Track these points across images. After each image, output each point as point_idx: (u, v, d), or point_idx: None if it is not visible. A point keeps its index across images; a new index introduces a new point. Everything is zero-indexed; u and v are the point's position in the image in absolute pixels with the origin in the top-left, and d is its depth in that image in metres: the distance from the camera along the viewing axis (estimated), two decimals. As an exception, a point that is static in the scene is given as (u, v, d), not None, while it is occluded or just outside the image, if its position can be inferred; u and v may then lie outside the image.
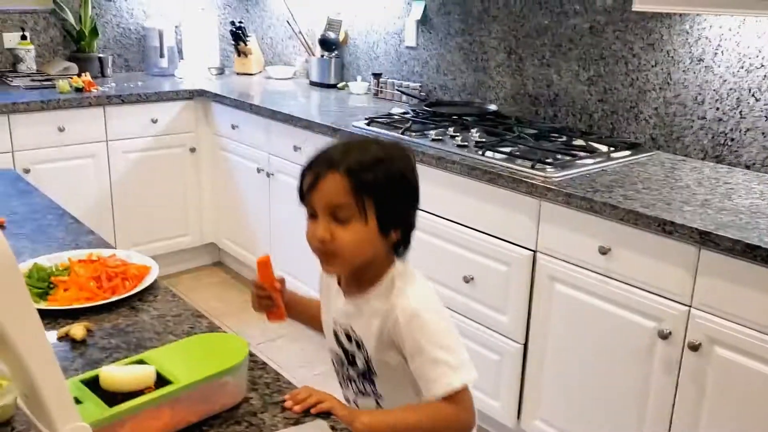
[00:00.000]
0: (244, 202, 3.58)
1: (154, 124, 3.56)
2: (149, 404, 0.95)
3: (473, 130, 2.66)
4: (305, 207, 1.22)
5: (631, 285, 2.00)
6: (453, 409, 1.18)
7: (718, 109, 2.38)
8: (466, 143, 2.52)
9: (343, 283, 1.30)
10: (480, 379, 2.64)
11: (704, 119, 2.43)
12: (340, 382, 1.37)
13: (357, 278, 1.26)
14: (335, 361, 1.36)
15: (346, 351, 1.30)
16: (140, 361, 1.03)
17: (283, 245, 3.33)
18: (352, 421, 1.09)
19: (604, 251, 2.03)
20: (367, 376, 1.27)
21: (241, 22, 4.19)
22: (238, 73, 4.20)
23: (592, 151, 2.44)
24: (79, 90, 3.41)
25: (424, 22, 3.35)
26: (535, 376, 2.31)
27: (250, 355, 1.10)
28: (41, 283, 1.43)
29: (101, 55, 3.89)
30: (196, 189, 3.79)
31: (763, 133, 2.29)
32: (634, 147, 2.54)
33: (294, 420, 1.04)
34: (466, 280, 2.43)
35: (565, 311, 2.18)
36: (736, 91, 2.33)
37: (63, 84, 3.38)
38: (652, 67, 2.54)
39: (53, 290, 1.42)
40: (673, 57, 2.48)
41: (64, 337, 1.26)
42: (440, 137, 2.59)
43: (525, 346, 2.32)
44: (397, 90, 3.45)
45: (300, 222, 1.25)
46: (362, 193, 1.17)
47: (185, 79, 3.94)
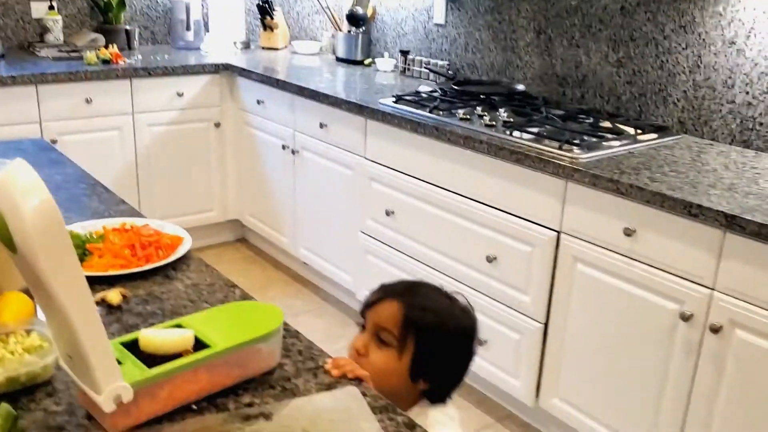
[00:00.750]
0: (268, 179, 3.61)
1: (180, 98, 3.58)
2: (188, 366, 0.97)
3: (501, 110, 2.66)
4: (362, 317, 1.31)
5: (655, 267, 2.00)
6: None
7: (748, 93, 2.36)
8: (494, 123, 2.52)
9: None
10: (500, 358, 2.67)
11: (733, 103, 2.41)
12: None
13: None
14: None
15: None
16: (178, 326, 1.06)
17: (308, 223, 3.35)
18: None
19: (629, 233, 2.03)
20: None
21: (267, -4, 4.19)
22: (263, 48, 4.20)
23: (619, 133, 2.43)
24: (106, 62, 3.44)
25: (453, 0, 3.33)
26: (555, 356, 2.33)
27: (284, 324, 1.12)
28: (76, 250, 1.46)
29: (128, 27, 3.90)
30: (221, 165, 3.82)
31: (794, 119, 2.27)
32: (662, 130, 2.53)
33: (326, 385, 1.06)
34: (489, 260, 2.44)
35: (588, 292, 2.19)
36: (767, 75, 2.31)
37: (90, 55, 3.41)
38: (683, 49, 2.52)
39: (88, 257, 1.45)
40: (704, 39, 2.45)
41: (101, 303, 1.28)
42: (468, 116, 2.59)
43: (545, 325, 2.34)
44: (425, 68, 3.44)
45: (323, 199, 1.27)
46: (408, 329, 1.23)
47: (211, 52, 3.95)
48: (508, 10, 3.09)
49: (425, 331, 1.23)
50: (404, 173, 2.75)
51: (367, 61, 3.77)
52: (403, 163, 2.75)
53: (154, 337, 1.00)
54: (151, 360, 0.98)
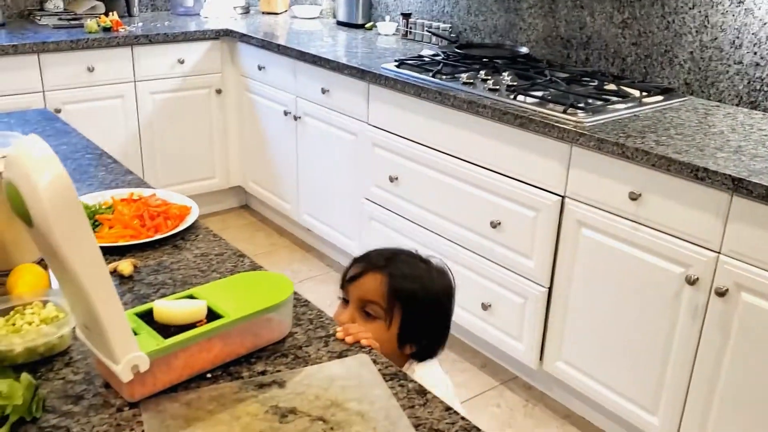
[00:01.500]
0: (270, 145, 3.60)
1: (181, 65, 3.56)
2: (203, 336, 0.99)
3: (505, 74, 2.64)
4: (342, 291, 1.32)
5: (660, 231, 2.01)
6: None
7: (756, 53, 2.34)
8: (498, 87, 2.50)
9: None
10: (504, 322, 2.69)
11: (740, 64, 2.39)
12: None
13: None
14: None
15: None
16: (190, 296, 1.07)
17: (310, 189, 3.36)
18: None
19: (634, 197, 2.04)
20: None
21: (266, -40, 4.13)
22: (263, 12, 4.16)
23: (624, 96, 2.41)
24: (106, 30, 3.41)
25: (454, -38, 3.28)
26: (559, 320, 2.35)
27: (294, 293, 1.13)
28: (87, 221, 1.47)
29: (127, -6, 3.86)
30: (223, 131, 3.81)
31: (801, 80, 2.26)
32: (667, 92, 2.51)
33: (338, 353, 1.08)
34: (493, 225, 2.45)
35: (592, 256, 2.20)
36: (775, 35, 2.29)
37: (91, 23, 3.38)
38: (690, 9, 2.49)
39: (98, 228, 1.46)
40: None
41: (113, 273, 1.30)
42: (471, 80, 2.57)
43: (549, 290, 2.36)
44: (427, 31, 3.40)
45: (326, 165, 1.27)
46: (394, 299, 1.26)
47: (210, 18, 3.91)
48: (512, -28, 3.05)
49: (410, 299, 1.27)
50: (407, 138, 2.74)
51: (368, 25, 3.73)
52: (406, 129, 2.74)
53: (169, 308, 1.01)
54: (166, 330, 0.99)
